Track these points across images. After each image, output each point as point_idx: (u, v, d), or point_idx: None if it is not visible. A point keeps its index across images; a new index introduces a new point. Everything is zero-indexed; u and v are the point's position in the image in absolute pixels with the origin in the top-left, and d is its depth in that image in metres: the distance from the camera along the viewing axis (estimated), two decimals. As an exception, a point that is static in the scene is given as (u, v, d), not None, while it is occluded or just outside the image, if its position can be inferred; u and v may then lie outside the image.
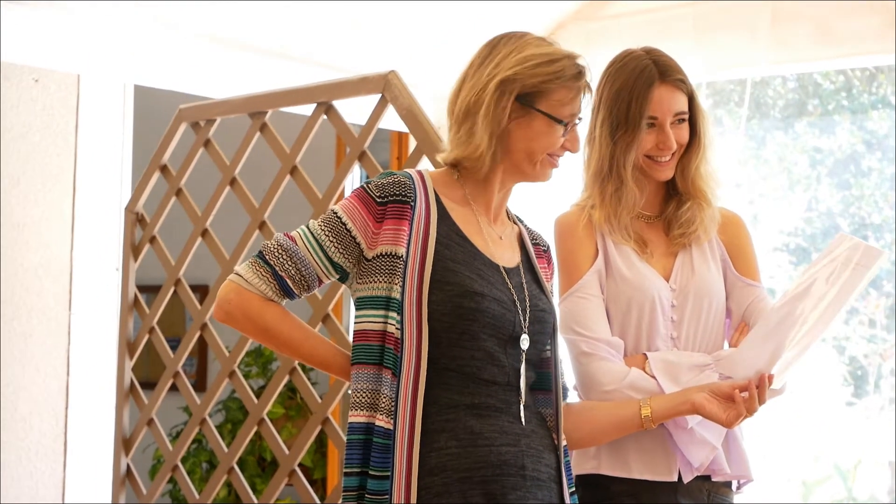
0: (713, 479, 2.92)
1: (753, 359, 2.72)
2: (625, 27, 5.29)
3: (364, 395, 2.44)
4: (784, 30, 4.92)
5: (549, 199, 4.79)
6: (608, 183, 2.95)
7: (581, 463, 2.93)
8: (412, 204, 2.49)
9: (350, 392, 2.48)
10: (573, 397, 2.83)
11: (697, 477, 2.88)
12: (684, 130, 2.96)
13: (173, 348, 4.12)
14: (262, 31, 4.63)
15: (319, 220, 2.53)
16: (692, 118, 2.97)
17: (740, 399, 2.66)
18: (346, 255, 2.49)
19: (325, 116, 3.66)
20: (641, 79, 2.91)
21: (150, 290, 4.53)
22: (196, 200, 4.07)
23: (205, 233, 4.00)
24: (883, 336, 6.27)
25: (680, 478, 2.87)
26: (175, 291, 4.11)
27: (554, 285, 2.80)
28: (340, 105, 3.66)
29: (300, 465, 3.74)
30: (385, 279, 2.45)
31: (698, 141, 2.99)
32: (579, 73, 2.57)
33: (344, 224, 2.49)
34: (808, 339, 2.76)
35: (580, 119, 2.61)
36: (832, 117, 6.46)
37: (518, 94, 2.53)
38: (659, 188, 3.03)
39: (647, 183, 3.00)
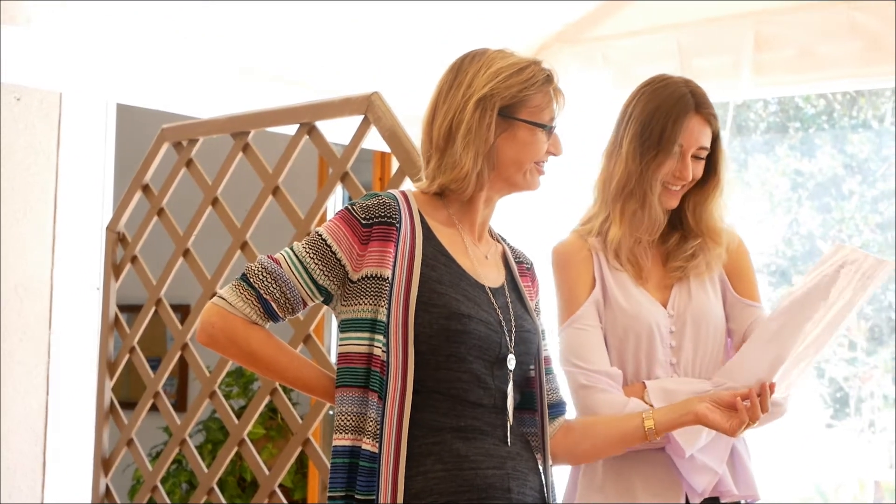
0: (722, 501, 2.93)
1: (754, 366, 2.71)
2: (608, 50, 5.30)
3: (349, 418, 2.43)
4: (766, 54, 4.94)
5: (537, 218, 4.81)
6: (631, 201, 2.95)
7: (587, 496, 2.93)
8: (397, 225, 2.49)
9: (334, 415, 2.47)
10: (572, 413, 2.82)
11: (706, 499, 2.89)
12: (700, 166, 2.96)
13: (154, 368, 4.11)
14: (246, 52, 4.63)
15: (304, 242, 2.51)
16: (713, 156, 2.98)
17: (742, 407, 2.63)
18: (330, 278, 2.48)
19: (307, 137, 3.66)
20: (680, 104, 2.92)
21: (130, 309, 4.52)
22: (178, 220, 4.06)
23: (186, 253, 3.99)
24: (863, 359, 6.29)
25: (688, 501, 2.88)
26: (156, 311, 4.10)
27: (539, 304, 2.80)
28: (323, 126, 3.66)
29: (280, 485, 3.72)
30: (371, 301, 2.45)
31: (717, 179, 3.00)
32: (549, 77, 2.60)
33: (329, 246, 2.48)
34: (811, 351, 2.76)
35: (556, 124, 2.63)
36: (813, 140, 6.49)
37: (498, 109, 2.54)
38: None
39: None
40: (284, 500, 3.74)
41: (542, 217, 4.90)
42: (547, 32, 5.47)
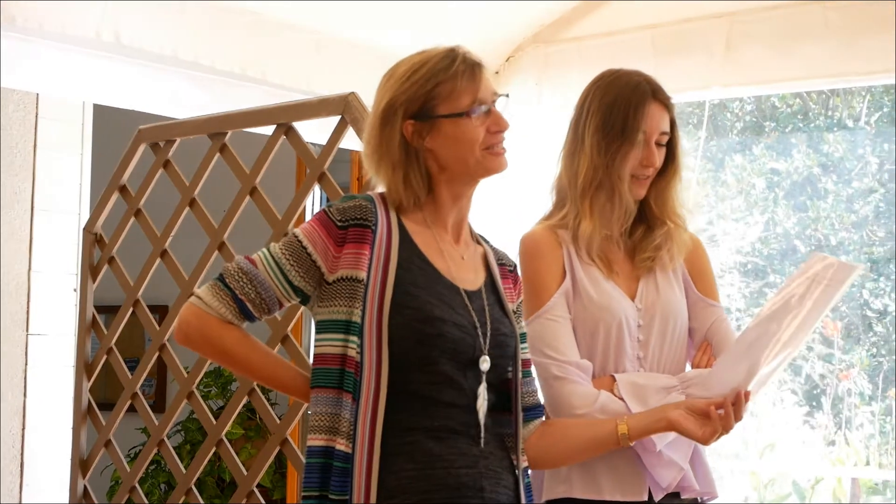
0: (682, 497, 2.93)
1: (729, 378, 2.71)
2: (584, 50, 5.32)
3: (323, 418, 2.44)
4: (741, 53, 4.96)
5: (517, 214, 4.81)
6: (600, 194, 2.93)
7: (552, 487, 2.93)
8: (373, 228, 2.49)
9: (309, 415, 2.48)
10: (546, 415, 2.82)
11: (667, 494, 2.89)
12: (662, 153, 2.96)
13: (131, 369, 4.10)
14: (223, 54, 4.62)
15: (280, 243, 2.52)
16: (670, 142, 2.98)
17: (716, 416, 2.61)
18: (306, 279, 2.49)
19: (284, 137, 3.66)
20: (638, 92, 2.93)
21: (108, 310, 4.51)
22: (155, 221, 4.06)
23: (164, 253, 3.99)
24: (839, 356, 6.32)
25: (650, 497, 2.89)
26: (133, 312, 4.10)
27: (520, 306, 2.78)
28: (301, 126, 3.66)
29: (259, 485, 3.73)
30: (345, 303, 2.45)
31: (675, 165, 3.00)
32: (452, 60, 2.54)
33: (305, 248, 2.49)
34: (783, 355, 2.76)
35: (497, 95, 2.58)
36: (789, 139, 6.53)
37: (412, 115, 2.52)
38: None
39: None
40: (263, 501, 3.74)
41: (522, 214, 4.90)
42: (522, 34, 5.48)
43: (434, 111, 2.52)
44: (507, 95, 2.64)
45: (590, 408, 2.82)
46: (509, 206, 4.86)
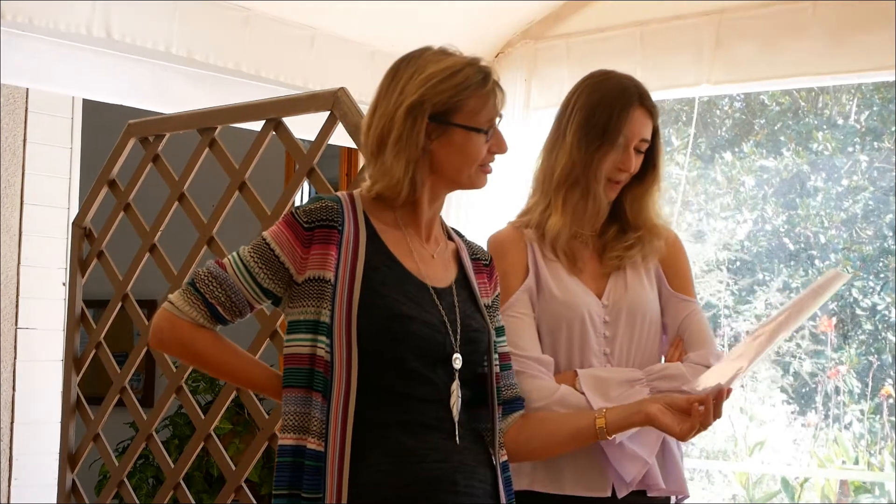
0: (649, 495, 2.91)
1: (717, 375, 2.70)
2: (573, 47, 5.33)
3: (294, 417, 2.46)
4: (730, 50, 4.97)
5: (500, 212, 4.82)
6: (574, 191, 2.94)
7: (515, 480, 2.92)
8: (339, 228, 2.50)
9: (282, 415, 2.50)
10: (526, 408, 2.81)
11: (633, 492, 2.87)
12: (640, 160, 2.96)
13: (120, 363, 4.10)
14: (217, 50, 4.63)
15: (250, 246, 2.55)
16: (652, 150, 2.98)
17: (697, 412, 2.58)
18: (275, 281, 2.51)
19: (274, 133, 3.66)
20: (625, 95, 2.92)
21: (97, 304, 4.51)
22: (144, 216, 4.06)
23: (153, 248, 3.99)
24: (828, 354, 6.33)
25: (614, 493, 2.87)
26: (122, 306, 4.10)
27: (496, 300, 2.78)
28: (290, 121, 3.67)
29: (247, 480, 3.73)
30: (313, 303, 2.47)
31: (655, 173, 3.00)
32: (485, 78, 2.55)
33: (272, 250, 2.51)
34: (764, 354, 2.74)
35: (500, 118, 2.60)
36: (778, 137, 6.53)
37: (430, 115, 2.52)
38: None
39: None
40: (251, 495, 3.74)
41: (508, 210, 4.90)
42: (512, 30, 5.49)
43: (453, 118, 2.53)
44: (501, 117, 2.62)
45: (547, 400, 2.80)
46: (496, 203, 4.87)
